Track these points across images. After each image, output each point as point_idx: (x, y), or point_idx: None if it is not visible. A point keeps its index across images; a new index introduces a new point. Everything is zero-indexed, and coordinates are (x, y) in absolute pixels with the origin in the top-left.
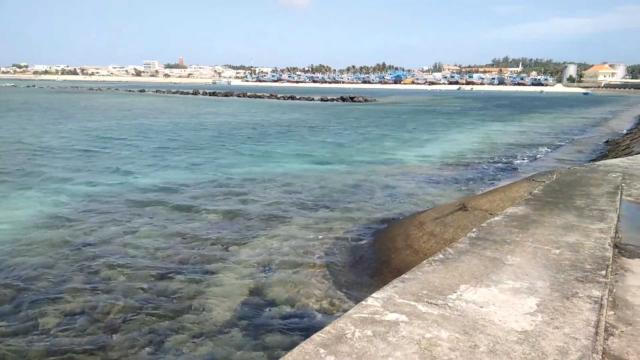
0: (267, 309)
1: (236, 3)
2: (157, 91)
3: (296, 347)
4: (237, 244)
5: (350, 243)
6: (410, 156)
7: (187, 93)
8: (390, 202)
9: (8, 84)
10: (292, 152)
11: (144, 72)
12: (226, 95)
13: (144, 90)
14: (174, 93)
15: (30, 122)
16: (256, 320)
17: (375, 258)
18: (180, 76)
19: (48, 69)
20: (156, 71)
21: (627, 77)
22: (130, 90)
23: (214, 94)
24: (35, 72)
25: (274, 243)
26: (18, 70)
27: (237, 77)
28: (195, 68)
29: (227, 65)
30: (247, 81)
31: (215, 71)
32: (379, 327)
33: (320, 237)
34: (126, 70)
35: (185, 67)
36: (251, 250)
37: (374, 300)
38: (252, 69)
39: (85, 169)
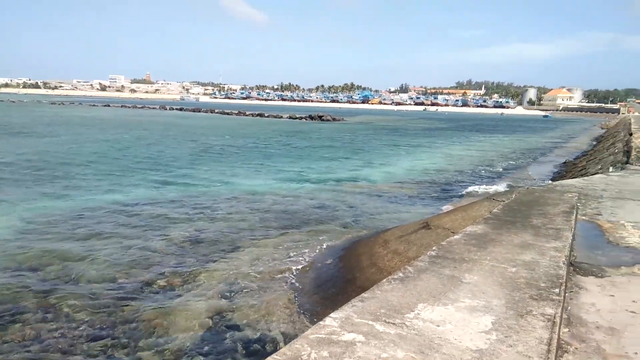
0: (230, 334)
1: (197, 19)
2: (122, 106)
3: None
4: (199, 266)
5: (316, 263)
6: (377, 175)
7: (154, 108)
8: (356, 221)
9: None
10: (257, 170)
11: (109, 87)
12: (194, 112)
13: (109, 105)
14: (140, 108)
15: None
16: (218, 346)
17: (341, 277)
18: (147, 92)
19: (9, 82)
20: (122, 86)
21: (584, 100)
22: (94, 105)
23: (181, 109)
24: None
25: (238, 265)
26: None
27: (205, 94)
28: (162, 84)
29: (196, 82)
30: (216, 98)
31: (184, 87)
32: (336, 347)
33: (285, 258)
34: (91, 85)
35: (152, 83)
36: (214, 273)
37: (332, 320)
38: (221, 86)
39: (42, 186)
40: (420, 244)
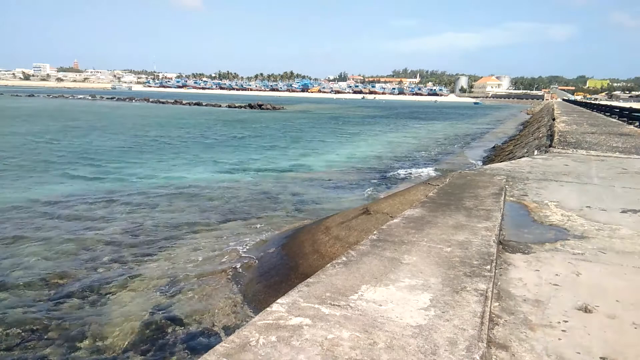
0: (172, 329)
1: (127, 4)
2: (48, 96)
3: None
4: (138, 260)
5: (259, 252)
6: (317, 163)
7: (83, 98)
8: (298, 209)
9: None
10: (197, 161)
11: (33, 75)
12: (127, 101)
13: (33, 95)
14: (67, 98)
15: None
16: (159, 342)
17: (284, 265)
18: (75, 80)
19: None
20: (48, 75)
21: (511, 88)
22: (17, 95)
23: (113, 99)
24: None
25: (179, 257)
26: None
27: (138, 83)
28: (92, 72)
29: (128, 70)
30: (150, 87)
31: (115, 76)
32: (284, 332)
33: (227, 248)
34: (13, 74)
35: (80, 71)
36: (154, 266)
37: (279, 306)
38: (155, 74)
39: None
40: (361, 229)
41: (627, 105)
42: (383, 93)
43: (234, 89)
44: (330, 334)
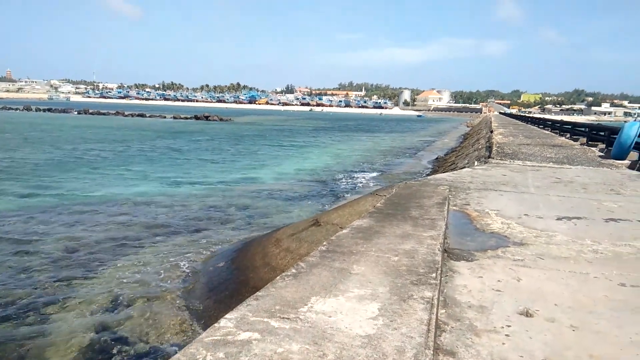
0: (118, 349)
1: (64, 12)
2: None
3: None
4: (79, 278)
5: (207, 267)
6: (266, 175)
7: (16, 109)
8: (248, 222)
9: None
10: (141, 175)
11: None
12: (65, 112)
13: None
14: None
15: None
16: None
17: (234, 279)
18: (7, 91)
19: None
20: None
21: (452, 101)
22: None
23: (49, 110)
24: None
25: (124, 274)
26: None
27: (77, 93)
28: (26, 82)
29: (66, 80)
30: (90, 97)
31: (52, 86)
32: (232, 347)
33: (175, 264)
34: None
35: (14, 81)
36: (97, 284)
37: (227, 321)
38: (95, 84)
39: None
40: (311, 240)
41: (558, 118)
42: (330, 105)
43: (178, 100)
44: (279, 348)
